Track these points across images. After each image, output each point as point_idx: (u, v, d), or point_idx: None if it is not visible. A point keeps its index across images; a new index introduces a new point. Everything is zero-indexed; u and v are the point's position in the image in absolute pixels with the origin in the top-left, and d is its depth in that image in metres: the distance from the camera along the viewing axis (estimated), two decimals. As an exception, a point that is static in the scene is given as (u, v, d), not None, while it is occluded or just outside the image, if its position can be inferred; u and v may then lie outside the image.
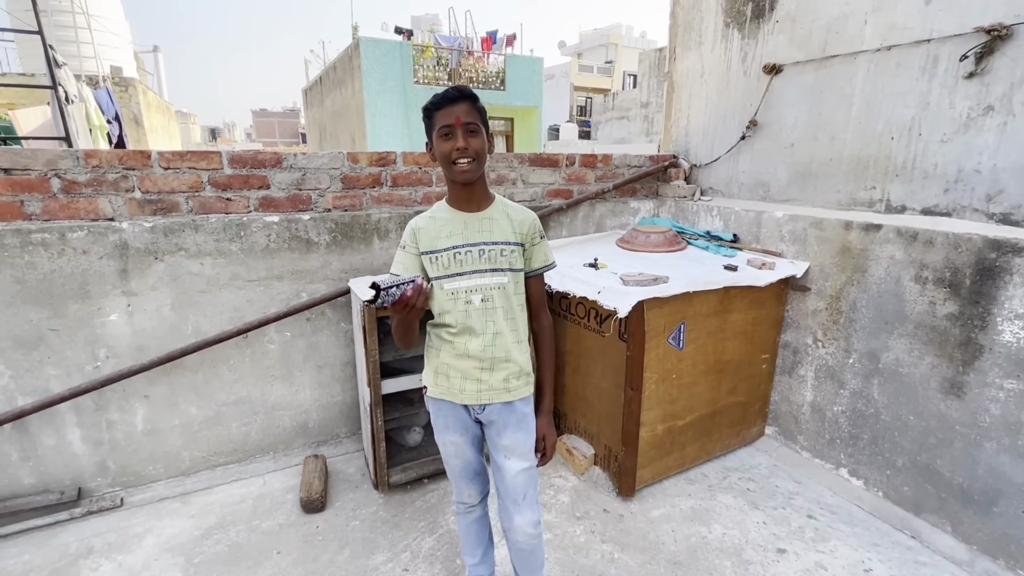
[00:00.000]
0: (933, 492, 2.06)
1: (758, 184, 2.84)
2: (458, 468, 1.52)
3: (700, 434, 2.45)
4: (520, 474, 1.44)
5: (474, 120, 1.27)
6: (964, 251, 1.88)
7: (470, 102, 1.27)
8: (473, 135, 1.27)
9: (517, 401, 1.42)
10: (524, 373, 1.43)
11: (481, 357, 1.36)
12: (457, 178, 1.31)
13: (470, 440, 1.48)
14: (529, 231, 1.41)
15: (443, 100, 1.27)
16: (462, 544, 1.67)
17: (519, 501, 1.46)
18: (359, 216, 2.48)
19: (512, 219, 1.39)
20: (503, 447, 1.44)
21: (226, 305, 2.31)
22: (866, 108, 2.29)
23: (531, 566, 1.56)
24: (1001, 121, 1.88)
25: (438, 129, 1.27)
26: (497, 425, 1.43)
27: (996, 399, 1.84)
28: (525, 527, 1.47)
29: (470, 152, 1.26)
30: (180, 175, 2.14)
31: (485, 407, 1.41)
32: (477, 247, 1.34)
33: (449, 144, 1.26)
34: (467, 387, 1.38)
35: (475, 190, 1.36)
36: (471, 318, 1.34)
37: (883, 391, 2.19)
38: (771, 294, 2.46)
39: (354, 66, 12.94)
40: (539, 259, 1.44)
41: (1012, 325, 1.78)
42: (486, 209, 1.38)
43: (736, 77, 2.88)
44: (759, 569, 1.91)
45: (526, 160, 2.84)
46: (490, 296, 1.35)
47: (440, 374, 1.41)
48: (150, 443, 2.30)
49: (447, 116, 1.25)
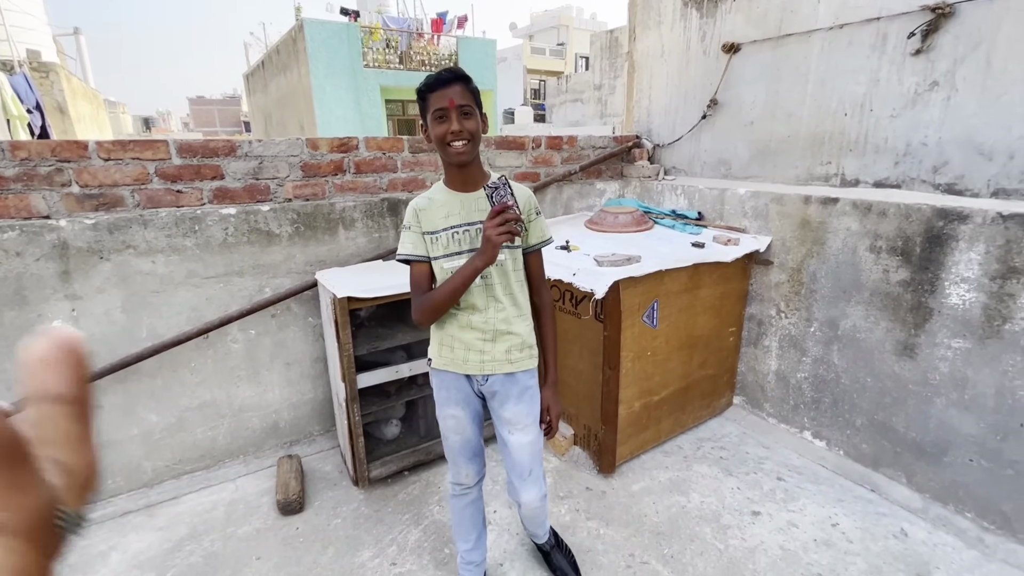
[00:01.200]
0: (889, 448, 2.20)
1: (720, 162, 2.91)
2: (457, 445, 1.52)
3: (674, 408, 2.52)
4: (525, 447, 1.48)
5: (468, 102, 1.27)
6: (914, 220, 1.99)
7: (463, 84, 1.28)
8: (467, 117, 1.28)
9: (519, 373, 1.44)
10: (527, 346, 1.45)
11: (483, 329, 1.39)
12: (452, 160, 1.32)
13: (471, 415, 1.49)
14: (525, 208, 1.40)
15: (436, 82, 1.27)
16: (455, 529, 1.66)
17: (525, 476, 1.52)
18: (322, 205, 2.38)
19: None
20: (506, 420, 1.47)
21: (183, 305, 2.17)
22: (821, 85, 2.37)
23: (538, 522, 1.71)
24: (945, 96, 1.99)
25: (432, 112, 1.27)
26: (499, 396, 1.45)
27: (944, 358, 1.98)
28: (532, 502, 1.56)
29: (464, 134, 1.28)
30: (123, 167, 1.97)
31: (488, 378, 1.43)
32: (474, 226, 1.35)
33: (444, 127, 1.27)
34: (471, 358, 1.41)
35: (471, 171, 1.37)
36: (472, 295, 1.37)
37: (842, 356, 2.31)
38: (736, 269, 2.54)
39: (299, 49, 12.35)
40: (536, 235, 1.45)
41: (958, 288, 1.90)
42: (482, 188, 1.37)
43: (696, 56, 2.92)
44: (737, 532, 2.00)
45: (492, 143, 2.79)
46: (488, 273, 1.37)
47: (444, 346, 1.44)
48: (107, 455, 2.15)
49: (441, 99, 1.26)
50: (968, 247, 1.86)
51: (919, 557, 1.87)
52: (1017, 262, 1.75)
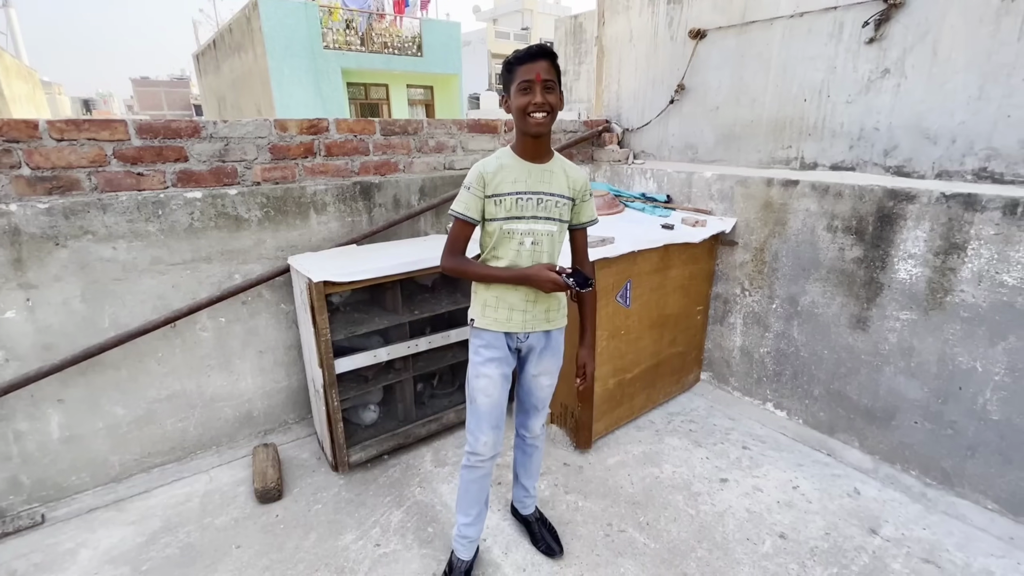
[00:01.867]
0: (844, 415, 2.36)
1: (687, 146, 2.99)
2: (485, 408, 1.57)
3: (646, 384, 2.62)
4: (546, 388, 1.69)
5: (552, 78, 1.36)
6: (867, 201, 2.12)
7: (550, 60, 1.37)
8: (550, 92, 1.37)
9: (554, 331, 1.62)
10: (562, 306, 1.63)
11: (527, 290, 1.51)
12: (531, 130, 1.40)
13: (503, 377, 1.58)
14: (581, 189, 1.55)
15: (526, 56, 1.35)
16: (458, 501, 1.68)
17: (539, 408, 1.73)
18: (292, 189, 2.32)
19: (569, 175, 1.52)
20: (535, 368, 1.64)
21: (148, 293, 2.09)
22: (782, 72, 2.47)
23: (530, 469, 1.85)
24: (896, 83, 2.11)
25: (518, 83, 1.36)
26: (536, 350, 1.62)
27: (893, 329, 2.13)
28: (535, 427, 1.76)
29: (546, 107, 1.36)
30: (78, 147, 1.87)
31: (529, 335, 1.58)
32: (536, 195, 1.47)
33: (527, 98, 1.35)
34: (514, 317, 1.53)
35: (542, 143, 1.47)
36: (521, 257, 1.49)
37: (802, 331, 2.45)
38: (704, 249, 2.63)
39: (253, 28, 11.80)
40: (587, 214, 1.59)
41: (906, 264, 2.04)
42: (548, 162, 1.49)
43: (663, 42, 2.97)
44: (707, 498, 2.11)
45: (464, 126, 2.78)
46: (540, 240, 1.49)
47: (488, 306, 1.55)
48: (70, 451, 2.07)
49: (528, 72, 1.34)
50: (915, 225, 2.00)
51: (870, 512, 2.03)
52: (958, 239, 1.90)
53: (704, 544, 1.89)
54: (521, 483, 1.88)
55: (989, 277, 1.85)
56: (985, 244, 1.84)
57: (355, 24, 13.09)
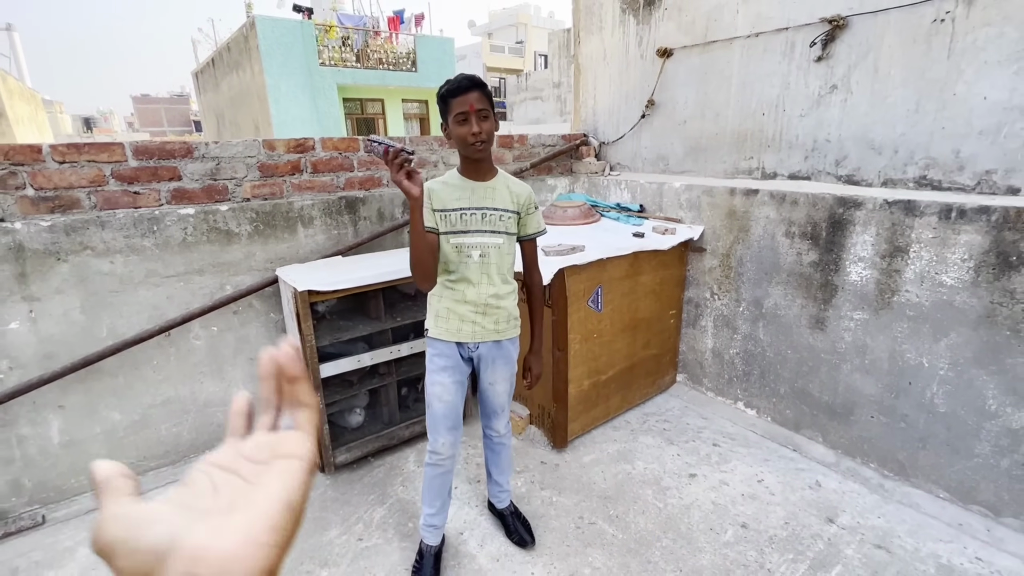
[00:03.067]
0: (808, 411, 2.47)
1: (659, 158, 3.14)
2: (440, 412, 1.69)
3: (621, 386, 2.73)
4: (501, 393, 1.79)
5: (485, 106, 1.47)
6: (820, 208, 2.25)
7: (481, 90, 1.47)
8: (485, 120, 1.48)
9: (505, 341, 1.71)
10: (512, 317, 1.70)
11: (476, 303, 1.62)
12: (472, 155, 1.54)
13: (457, 383, 1.68)
14: (525, 202, 1.65)
15: (457, 89, 1.45)
16: (423, 494, 1.81)
17: (498, 412, 1.84)
18: (280, 204, 2.46)
19: (512, 190, 1.63)
20: (490, 376, 1.74)
21: (144, 304, 2.22)
22: (742, 88, 2.62)
23: (501, 465, 1.96)
24: (843, 98, 2.26)
25: (454, 115, 1.47)
26: (487, 360, 1.71)
27: (848, 328, 2.25)
28: (500, 427, 1.88)
29: (483, 135, 1.48)
30: (79, 169, 2.01)
31: (479, 345, 1.67)
32: (480, 210, 1.58)
33: (465, 128, 1.47)
34: (464, 328, 1.63)
35: (483, 164, 1.59)
36: (469, 269, 1.59)
37: (767, 332, 2.57)
38: (674, 256, 2.76)
39: (251, 47, 12.06)
40: (533, 226, 1.70)
41: (856, 266, 2.17)
42: (491, 180, 1.61)
43: (634, 60, 3.13)
44: (675, 492, 2.22)
45: (446, 143, 2.92)
46: (487, 252, 1.60)
47: (440, 317, 1.65)
48: (69, 455, 2.19)
49: (462, 104, 1.45)
50: (863, 230, 2.13)
51: (829, 503, 2.13)
52: (901, 242, 2.03)
53: (669, 534, 1.99)
54: (494, 479, 1.99)
55: (930, 278, 1.98)
56: (925, 247, 1.97)
57: (351, 41, 13.37)
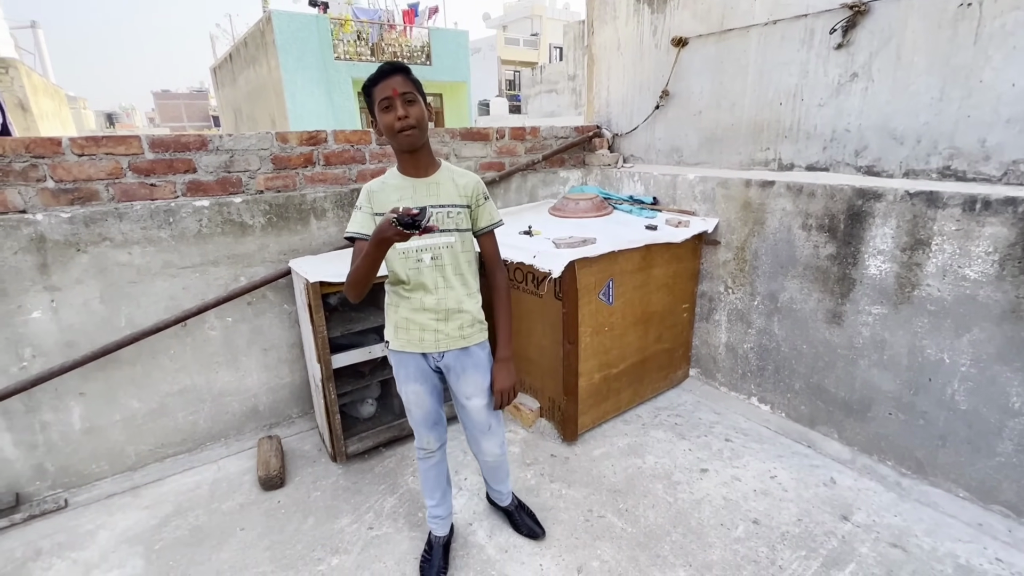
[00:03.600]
0: (823, 407, 2.43)
1: (673, 150, 3.09)
2: (419, 416, 1.66)
3: (633, 380, 2.71)
4: (481, 409, 1.64)
5: (410, 90, 1.36)
6: (838, 200, 2.20)
7: (403, 74, 1.36)
8: (411, 104, 1.36)
9: (472, 347, 1.58)
10: (477, 321, 1.58)
11: (436, 309, 1.50)
12: (402, 145, 1.40)
13: (429, 389, 1.62)
14: (473, 193, 1.52)
15: (379, 75, 1.35)
16: (422, 487, 1.81)
17: (485, 431, 1.70)
18: (293, 197, 2.48)
19: (457, 183, 1.50)
20: (463, 389, 1.61)
21: (160, 294, 2.26)
22: (759, 77, 2.56)
23: (498, 476, 1.88)
24: (864, 86, 2.19)
25: (378, 103, 1.36)
26: (455, 370, 1.59)
27: (866, 323, 2.20)
28: (492, 449, 1.74)
29: (411, 120, 1.36)
30: (97, 162, 2.05)
31: (444, 354, 1.56)
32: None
33: (391, 116, 1.35)
34: (426, 337, 1.52)
35: (421, 156, 1.45)
36: (423, 275, 1.47)
37: (782, 326, 2.52)
38: (687, 249, 2.73)
39: (267, 42, 12.17)
40: (485, 218, 1.56)
41: (875, 260, 2.12)
42: (433, 174, 1.48)
43: (648, 50, 3.08)
44: (686, 487, 2.20)
45: (457, 135, 2.92)
46: (439, 255, 1.47)
47: (400, 328, 1.54)
48: (90, 441, 2.24)
49: (384, 89, 1.34)
50: (883, 223, 2.07)
51: (844, 500, 2.09)
52: (922, 234, 1.97)
53: (679, 529, 1.98)
54: (494, 488, 1.95)
55: (952, 271, 1.92)
56: (948, 240, 1.91)
57: (366, 35, 13.40)
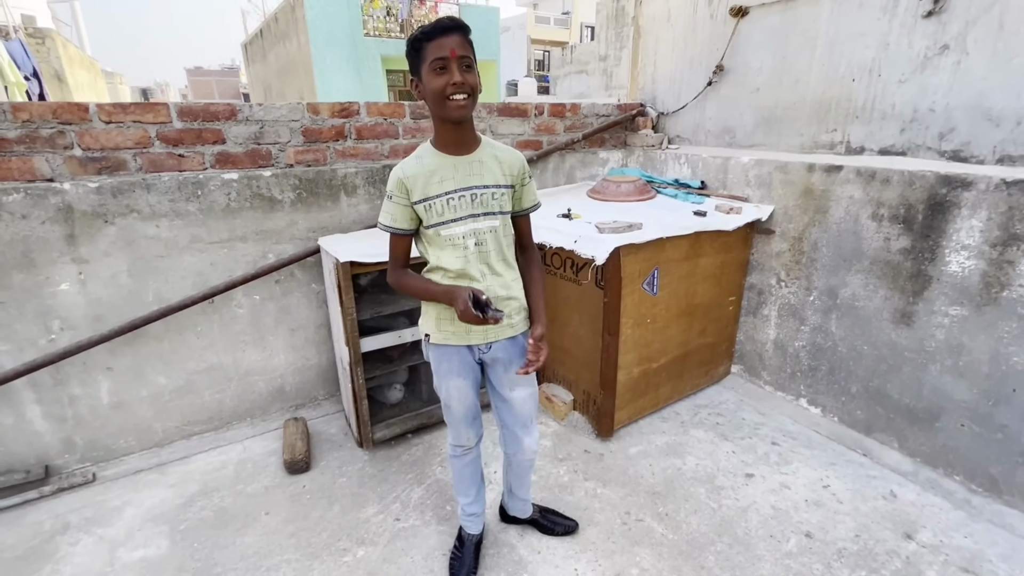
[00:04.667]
0: (883, 413, 2.24)
1: (724, 130, 2.87)
2: (459, 413, 1.54)
3: (672, 375, 2.56)
4: (527, 400, 1.55)
5: (468, 54, 1.20)
6: (918, 188, 1.98)
7: (463, 34, 1.20)
8: (469, 70, 1.20)
9: (519, 335, 1.49)
10: (523, 307, 1.49)
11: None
12: (452, 115, 1.23)
13: (472, 383, 1.51)
14: (519, 173, 1.39)
15: (436, 30, 1.17)
16: (456, 485, 1.71)
17: (527, 424, 1.59)
18: (324, 172, 2.38)
19: (501, 161, 1.36)
20: (508, 380, 1.51)
21: (188, 269, 2.20)
22: (829, 50, 2.33)
23: (526, 480, 1.75)
24: (955, 60, 1.95)
25: (430, 62, 1.18)
26: (503, 361, 1.49)
27: (941, 325, 1.99)
28: (531, 446, 1.62)
29: (466, 87, 1.20)
30: (124, 130, 1.97)
31: (491, 345, 1.45)
32: (470, 191, 1.31)
33: (443, 78, 1.18)
34: (474, 328, 1.39)
35: (465, 130, 1.31)
36: (468, 262, 1.35)
37: (840, 325, 2.33)
38: (738, 238, 2.54)
39: (297, 17, 12.06)
40: (528, 199, 1.45)
41: (958, 256, 1.91)
42: (475, 151, 1.33)
43: (703, 20, 2.85)
44: (730, 492, 2.06)
45: (494, 110, 2.76)
46: (484, 240, 1.36)
47: (443, 319, 1.41)
48: (118, 416, 2.22)
49: (440, 48, 1.17)
50: (971, 214, 1.86)
51: (907, 517, 1.92)
52: (1018, 229, 1.75)
53: (725, 538, 1.84)
54: (516, 495, 1.79)
55: (1052, 271, 1.70)
56: (1049, 235, 1.69)
57: (395, 11, 13.18)
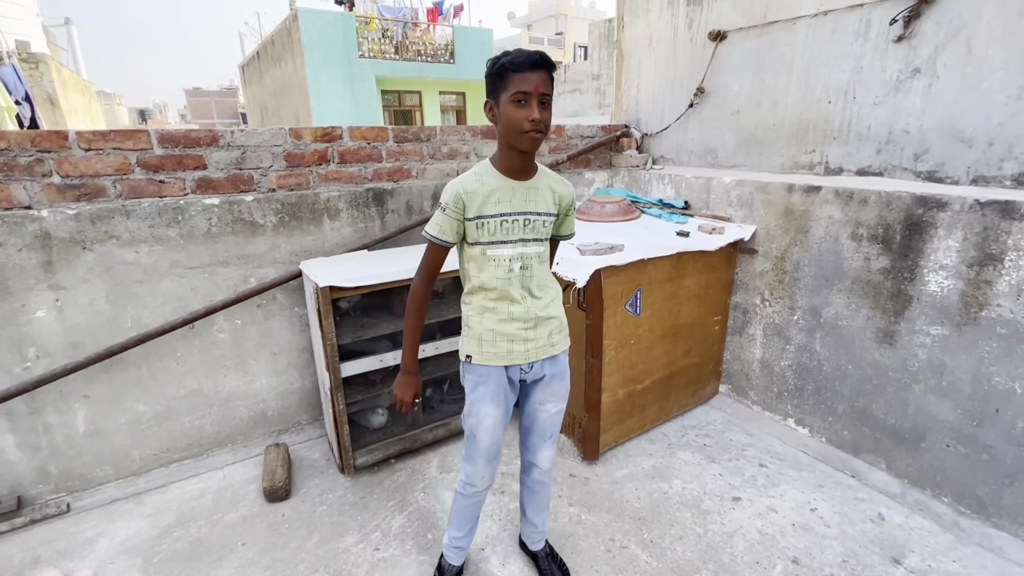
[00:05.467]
0: (869, 434, 2.22)
1: (707, 151, 2.90)
2: (485, 445, 1.49)
3: (659, 396, 2.54)
4: (555, 416, 1.57)
5: (549, 92, 1.26)
6: (895, 208, 2.00)
7: (548, 71, 1.25)
8: (546, 107, 1.26)
9: (560, 354, 1.52)
10: (564, 326, 1.52)
11: (525, 318, 1.42)
12: (523, 146, 1.28)
13: (503, 414, 1.49)
14: (568, 205, 1.47)
15: (525, 63, 1.22)
16: (453, 519, 1.66)
17: (547, 439, 1.60)
18: (306, 195, 2.38)
19: (555, 191, 1.43)
20: (542, 397, 1.53)
21: (168, 295, 2.18)
22: (805, 73, 2.36)
23: (541, 500, 1.72)
24: (927, 83, 1.99)
25: (512, 92, 1.23)
26: (543, 381, 1.52)
27: (923, 344, 1.99)
28: (548, 460, 1.63)
29: (542, 124, 1.25)
30: (104, 157, 1.97)
31: (533, 365, 1.47)
32: (523, 216, 1.36)
33: (523, 112, 1.23)
34: (515, 348, 1.43)
35: (530, 159, 1.37)
36: (511, 284, 1.39)
37: (824, 344, 2.32)
38: (721, 258, 2.54)
39: (293, 39, 12.24)
40: (566, 228, 1.53)
41: (937, 275, 1.91)
42: (533, 178, 1.39)
43: (683, 44, 2.90)
44: (716, 517, 2.03)
45: (478, 133, 2.78)
46: (529, 264, 1.40)
47: (485, 341, 1.43)
48: (95, 444, 2.18)
49: (525, 82, 1.22)
50: (947, 234, 1.87)
51: (895, 540, 1.90)
52: (994, 249, 1.76)
53: (710, 565, 1.81)
54: (529, 519, 1.76)
55: (1029, 291, 1.71)
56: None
57: (390, 33, 13.39)
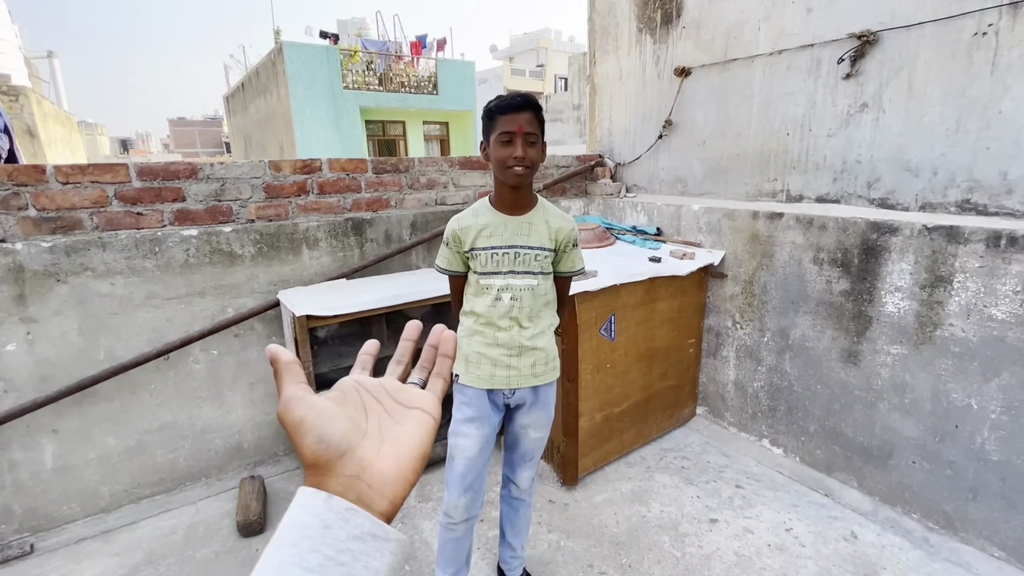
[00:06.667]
0: (840, 452, 2.27)
1: (677, 180, 3.02)
2: (460, 468, 1.51)
3: (636, 419, 2.57)
4: (537, 441, 1.62)
5: (535, 131, 1.33)
6: (851, 233, 2.10)
7: (533, 112, 1.33)
8: (532, 145, 1.34)
9: (543, 386, 1.55)
10: (551, 359, 1.55)
11: (509, 345, 1.46)
12: (510, 182, 1.37)
13: (484, 439, 1.51)
14: (565, 240, 1.49)
15: (508, 106, 1.31)
16: (437, 556, 1.65)
17: (526, 460, 1.65)
18: (285, 226, 2.41)
19: (551, 226, 1.46)
20: (526, 423, 1.58)
21: (143, 326, 2.17)
22: (764, 107, 2.50)
23: (518, 526, 1.74)
24: (875, 117, 2.12)
25: (498, 133, 1.33)
26: (524, 408, 1.56)
27: (885, 364, 2.07)
28: (525, 479, 1.67)
29: (527, 161, 1.33)
30: (82, 190, 1.99)
31: (515, 391, 1.51)
32: (513, 249, 1.43)
33: (508, 151, 1.32)
34: (497, 373, 1.48)
35: (521, 194, 1.43)
36: (497, 312, 1.44)
37: (794, 364, 2.39)
38: (693, 282, 2.62)
39: (278, 71, 12.44)
40: (567, 265, 1.54)
41: (893, 297, 2.00)
42: (528, 213, 1.45)
43: (651, 79, 3.05)
44: (694, 539, 2.04)
45: (456, 164, 2.86)
46: (520, 296, 1.44)
47: (471, 362, 1.49)
48: (62, 481, 2.12)
49: (510, 123, 1.31)
50: (900, 257, 1.97)
51: (867, 559, 1.92)
52: (943, 271, 1.86)
53: (687, 589, 1.81)
54: (508, 541, 1.77)
55: (977, 311, 1.80)
56: (971, 277, 1.80)
57: (374, 66, 13.69)
